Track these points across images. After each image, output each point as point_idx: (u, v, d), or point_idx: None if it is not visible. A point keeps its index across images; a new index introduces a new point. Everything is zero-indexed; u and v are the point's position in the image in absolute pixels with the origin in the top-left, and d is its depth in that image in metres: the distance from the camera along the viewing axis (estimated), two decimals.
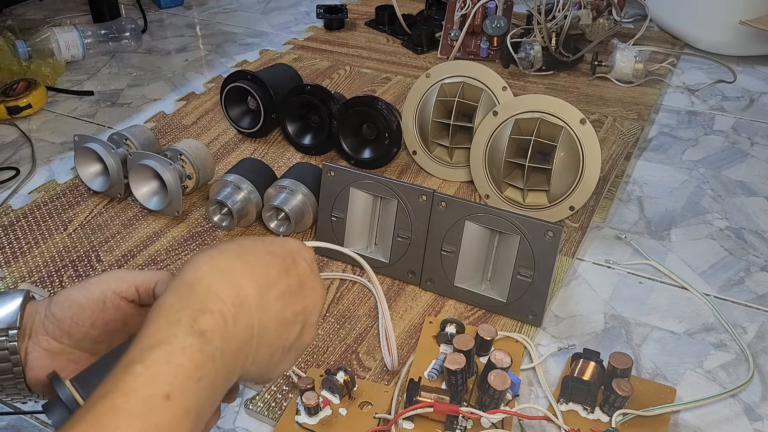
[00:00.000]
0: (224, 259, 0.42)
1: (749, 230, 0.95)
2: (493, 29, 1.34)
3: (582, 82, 1.31)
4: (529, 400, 0.71)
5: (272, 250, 0.45)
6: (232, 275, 0.41)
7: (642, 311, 0.82)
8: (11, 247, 0.92)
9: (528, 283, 0.78)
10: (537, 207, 0.94)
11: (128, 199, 1.00)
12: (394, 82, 1.32)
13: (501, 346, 0.75)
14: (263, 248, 0.45)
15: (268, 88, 1.10)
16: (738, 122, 1.20)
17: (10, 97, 1.22)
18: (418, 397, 0.66)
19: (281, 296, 0.44)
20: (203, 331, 0.38)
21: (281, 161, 1.09)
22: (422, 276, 0.84)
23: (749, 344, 0.77)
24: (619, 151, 1.10)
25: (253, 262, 0.43)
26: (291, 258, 0.46)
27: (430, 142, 1.03)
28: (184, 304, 0.39)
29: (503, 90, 0.99)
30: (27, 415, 0.70)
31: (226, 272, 0.41)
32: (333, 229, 0.87)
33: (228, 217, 0.93)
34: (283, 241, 0.47)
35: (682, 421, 0.69)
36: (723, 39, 1.38)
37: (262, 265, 0.43)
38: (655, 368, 0.75)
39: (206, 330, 0.38)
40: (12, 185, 1.06)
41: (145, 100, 1.30)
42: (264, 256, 0.44)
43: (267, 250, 0.44)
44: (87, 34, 1.43)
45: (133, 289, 0.50)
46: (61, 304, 0.49)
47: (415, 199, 0.82)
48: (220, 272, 0.41)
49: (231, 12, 1.71)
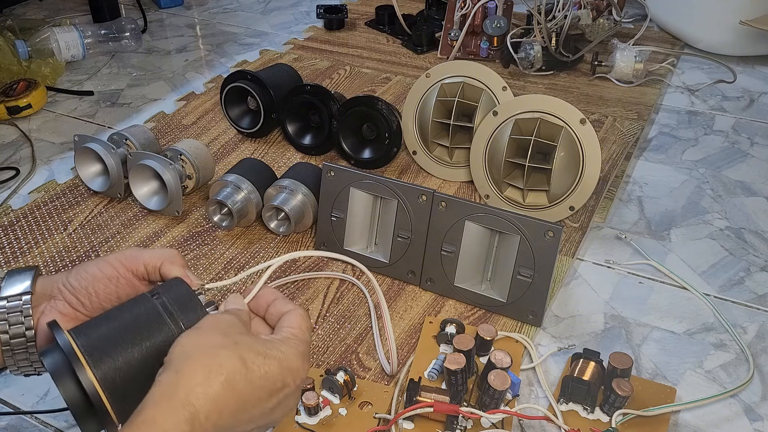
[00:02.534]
0: (218, 386, 0.45)
1: (749, 230, 0.95)
2: (493, 29, 1.34)
3: (582, 82, 1.31)
4: (529, 400, 0.71)
5: (268, 372, 0.48)
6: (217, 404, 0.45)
7: (642, 311, 0.82)
8: (11, 247, 0.92)
9: (528, 283, 0.78)
10: (537, 207, 0.94)
11: (128, 199, 1.00)
12: (394, 82, 1.32)
13: (501, 346, 0.75)
14: (261, 369, 0.48)
15: (268, 88, 1.10)
16: (738, 122, 1.20)
17: (10, 97, 1.22)
18: (418, 397, 0.66)
19: (251, 419, 0.48)
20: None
21: (281, 161, 1.09)
22: (422, 276, 0.84)
23: (749, 344, 0.77)
24: (619, 151, 1.10)
25: (242, 390, 0.46)
26: (282, 381, 0.49)
27: (430, 142, 1.03)
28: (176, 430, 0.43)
29: (503, 90, 0.99)
30: (27, 415, 0.70)
31: (214, 401, 0.45)
32: (333, 229, 0.87)
33: (228, 217, 0.93)
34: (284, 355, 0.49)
35: (682, 421, 0.69)
36: (723, 39, 1.38)
37: (250, 392, 0.47)
38: (655, 368, 0.75)
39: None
40: (12, 185, 1.06)
41: (145, 100, 1.30)
42: (257, 380, 0.47)
43: (263, 372, 0.48)
44: (87, 34, 1.43)
45: (143, 267, 0.55)
46: (79, 276, 0.54)
47: (415, 199, 0.82)
48: (210, 400, 0.45)
49: (231, 12, 1.71)
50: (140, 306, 0.52)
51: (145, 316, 0.51)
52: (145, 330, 0.50)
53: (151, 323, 0.50)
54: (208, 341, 0.48)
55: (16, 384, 0.74)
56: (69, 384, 0.47)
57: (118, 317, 0.51)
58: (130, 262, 0.55)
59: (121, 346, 0.49)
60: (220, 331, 0.49)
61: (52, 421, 0.70)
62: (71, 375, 0.47)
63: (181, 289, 0.53)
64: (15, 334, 0.52)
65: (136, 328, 0.50)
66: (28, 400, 0.72)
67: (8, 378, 0.74)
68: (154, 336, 0.50)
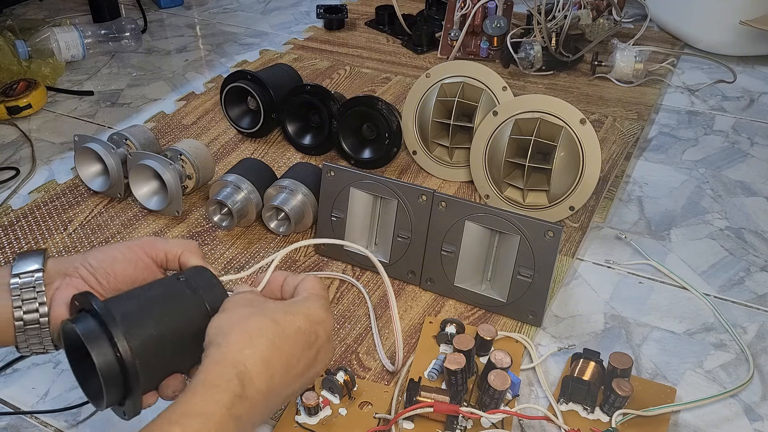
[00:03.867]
0: (263, 346, 0.48)
1: (749, 230, 0.95)
2: (493, 29, 1.34)
3: (582, 82, 1.31)
4: (529, 400, 0.71)
5: (301, 327, 0.51)
6: (269, 365, 0.48)
7: (642, 311, 0.82)
8: (11, 247, 0.92)
9: (528, 283, 0.78)
10: (537, 207, 0.94)
11: (128, 199, 1.00)
12: (394, 82, 1.32)
13: (501, 346, 0.75)
14: (293, 325, 0.51)
15: (268, 88, 1.10)
16: (738, 122, 1.20)
17: (10, 97, 1.22)
18: (418, 397, 0.66)
19: (301, 373, 0.52)
20: (238, 416, 0.45)
21: (281, 161, 1.09)
22: (422, 276, 0.84)
23: (749, 344, 0.77)
24: (619, 151, 1.10)
25: (286, 347, 0.50)
26: (314, 332, 0.52)
27: (430, 142, 1.03)
28: (226, 386, 0.45)
29: (503, 90, 0.99)
30: (27, 415, 0.70)
31: (264, 361, 0.48)
32: (333, 229, 0.87)
33: (228, 217, 0.93)
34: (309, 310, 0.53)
35: (682, 421, 0.69)
36: (723, 39, 1.38)
37: (290, 346, 0.50)
38: (655, 368, 0.75)
39: (240, 414, 0.45)
40: (12, 185, 1.06)
41: (145, 100, 1.30)
42: (295, 337, 0.51)
43: (295, 327, 0.51)
44: (87, 34, 1.43)
45: (163, 255, 0.57)
46: (98, 256, 0.56)
47: (415, 199, 0.82)
48: (260, 360, 0.48)
49: (231, 12, 1.71)
50: (167, 285, 0.54)
51: (173, 293, 0.53)
52: (175, 305, 0.52)
53: (179, 300, 0.53)
54: (238, 314, 0.51)
55: (16, 384, 0.74)
56: (104, 348, 0.48)
57: (147, 294, 0.53)
58: (151, 248, 0.57)
59: (152, 318, 0.51)
60: (245, 305, 0.53)
61: (52, 421, 0.70)
62: (106, 340, 0.49)
63: (203, 273, 0.56)
64: (28, 309, 0.53)
65: (165, 303, 0.52)
66: (28, 400, 0.72)
67: (8, 378, 0.74)
68: (183, 312, 0.52)
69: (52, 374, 0.75)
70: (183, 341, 0.52)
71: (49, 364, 0.76)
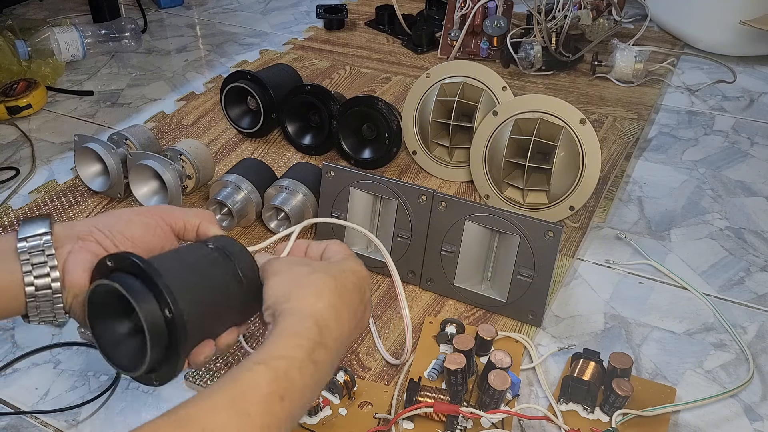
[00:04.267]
0: (332, 298, 0.52)
1: (749, 230, 0.95)
2: (493, 29, 1.34)
3: (582, 82, 1.31)
4: (529, 400, 0.71)
5: (354, 281, 0.56)
6: (339, 315, 0.52)
7: (642, 311, 0.82)
8: None
9: (528, 283, 0.78)
10: (537, 207, 0.94)
11: (128, 199, 1.00)
12: (394, 82, 1.32)
13: (501, 346, 0.75)
14: (350, 279, 0.55)
15: (268, 88, 1.10)
16: (738, 122, 1.20)
17: (10, 97, 1.22)
18: (418, 397, 0.66)
19: (357, 325, 0.56)
20: (317, 361, 0.48)
21: (281, 161, 1.09)
22: (422, 276, 0.84)
23: (749, 344, 0.77)
24: (619, 151, 1.10)
25: (347, 299, 0.54)
26: (363, 288, 0.57)
27: (430, 142, 1.03)
28: (307, 334, 0.49)
29: (503, 90, 0.99)
30: (27, 415, 0.70)
31: (335, 311, 0.52)
32: (333, 228, 0.87)
33: (228, 217, 0.93)
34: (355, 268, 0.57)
35: (682, 421, 0.69)
36: (723, 39, 1.38)
37: (351, 298, 0.54)
38: (655, 368, 0.75)
39: (319, 360, 0.49)
40: (12, 185, 1.06)
41: (145, 100, 1.30)
42: (352, 290, 0.55)
43: (351, 282, 0.55)
44: (87, 34, 1.43)
45: (182, 223, 0.58)
46: (112, 220, 0.55)
47: (415, 199, 0.82)
48: (333, 311, 0.52)
49: (231, 12, 1.71)
50: (200, 251, 0.54)
51: (208, 259, 0.53)
52: (212, 271, 0.53)
53: (215, 266, 0.53)
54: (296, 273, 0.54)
55: (16, 384, 0.74)
56: (151, 305, 0.48)
57: (183, 257, 0.53)
58: (169, 216, 0.57)
59: (193, 281, 0.51)
60: (299, 264, 0.55)
61: (52, 421, 0.70)
62: (153, 297, 0.48)
63: (231, 242, 0.56)
64: (39, 274, 0.51)
65: (203, 268, 0.52)
66: (28, 400, 0.72)
67: (8, 378, 0.74)
68: (220, 277, 0.53)
69: (52, 374, 0.75)
70: (219, 307, 0.52)
71: (49, 364, 0.76)
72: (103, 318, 0.52)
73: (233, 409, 0.42)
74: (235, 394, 0.43)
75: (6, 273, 0.50)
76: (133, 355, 0.51)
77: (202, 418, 0.41)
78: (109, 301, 0.51)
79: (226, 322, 0.54)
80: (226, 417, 0.42)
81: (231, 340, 0.54)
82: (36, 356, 0.76)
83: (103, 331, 0.52)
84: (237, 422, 0.42)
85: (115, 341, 0.52)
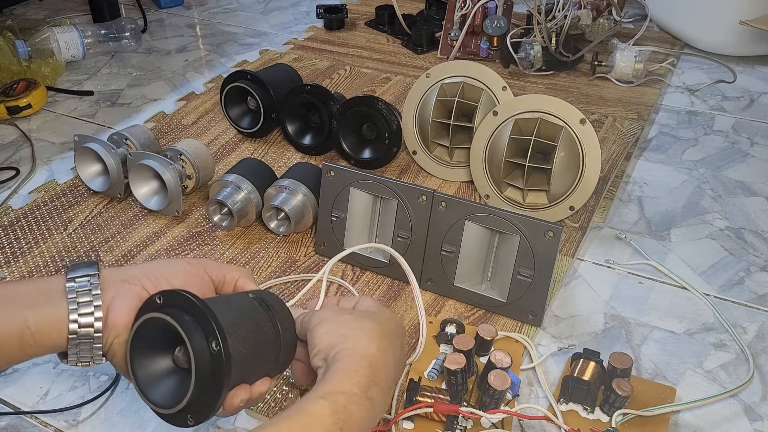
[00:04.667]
0: (381, 343, 0.56)
1: (749, 230, 0.95)
2: (493, 29, 1.34)
3: (582, 82, 1.31)
4: (529, 400, 0.71)
5: (395, 329, 0.60)
6: (386, 357, 0.56)
7: (642, 311, 0.82)
8: (11, 247, 0.92)
9: (528, 283, 0.78)
10: (537, 207, 0.94)
11: (128, 199, 1.00)
12: (394, 82, 1.32)
13: (501, 346, 0.75)
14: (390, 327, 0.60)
15: (268, 88, 1.10)
16: (738, 122, 1.20)
17: (10, 97, 1.22)
18: (418, 397, 0.66)
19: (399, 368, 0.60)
20: (371, 398, 0.52)
21: (281, 161, 1.09)
22: (422, 276, 0.84)
23: (749, 344, 0.77)
24: (619, 151, 1.10)
25: (392, 342, 0.58)
26: (403, 333, 0.62)
27: (430, 142, 1.03)
28: (363, 372, 0.53)
29: (503, 90, 0.99)
30: (27, 415, 0.70)
31: (384, 354, 0.56)
32: (333, 229, 0.87)
33: (228, 217, 0.93)
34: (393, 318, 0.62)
35: (682, 421, 0.69)
36: (723, 39, 1.38)
37: (394, 342, 0.59)
38: (655, 368, 0.75)
39: (374, 398, 0.52)
40: (12, 185, 1.06)
41: (145, 100, 1.30)
42: (392, 335, 0.59)
43: (392, 329, 0.60)
44: (87, 34, 1.43)
45: (222, 276, 0.61)
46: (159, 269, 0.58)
47: (415, 199, 0.82)
48: (382, 353, 0.55)
49: (231, 12, 1.71)
50: (243, 300, 0.56)
51: (250, 307, 0.56)
52: (254, 317, 0.55)
53: (257, 313, 0.55)
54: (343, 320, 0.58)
55: (16, 384, 0.74)
56: (200, 341, 0.50)
57: (228, 302, 0.55)
58: (212, 268, 0.61)
59: (238, 325, 0.53)
60: (342, 313, 0.59)
61: (52, 421, 0.70)
62: (202, 333, 0.50)
63: (269, 294, 0.59)
64: (83, 312, 0.53)
65: (247, 314, 0.55)
66: (28, 400, 0.72)
67: (8, 378, 0.74)
68: (261, 325, 0.55)
69: (52, 374, 0.75)
70: (258, 350, 0.54)
71: (49, 364, 0.76)
72: (143, 355, 0.53)
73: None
74: (300, 425, 0.47)
75: (52, 310, 0.53)
76: (170, 393, 0.52)
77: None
78: (151, 339, 0.53)
79: (262, 368, 0.56)
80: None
81: (264, 389, 0.56)
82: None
83: (140, 369, 0.53)
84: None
85: (152, 379, 0.53)
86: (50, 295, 0.53)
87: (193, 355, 0.49)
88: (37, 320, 0.52)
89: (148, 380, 0.53)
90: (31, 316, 0.51)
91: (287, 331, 0.58)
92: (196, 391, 0.50)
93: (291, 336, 0.58)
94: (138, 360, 0.53)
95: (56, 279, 0.55)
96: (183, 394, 0.50)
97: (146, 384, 0.53)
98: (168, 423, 0.53)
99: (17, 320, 0.51)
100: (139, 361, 0.53)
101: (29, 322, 0.51)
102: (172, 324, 0.50)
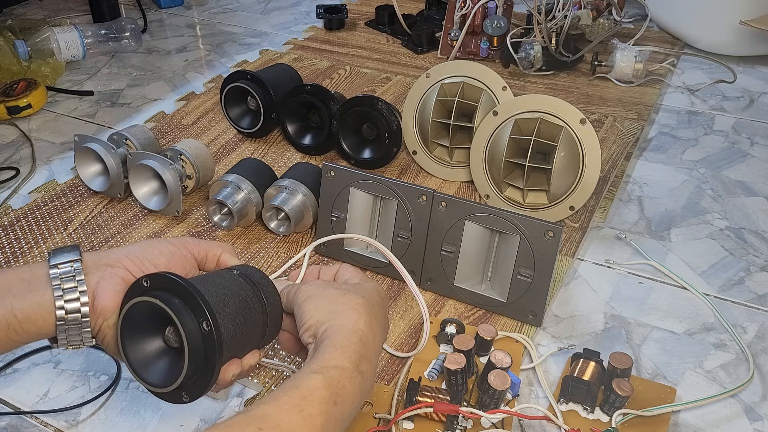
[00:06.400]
0: (368, 317, 0.57)
1: (749, 230, 0.95)
2: (493, 29, 1.34)
3: (582, 82, 1.31)
4: (529, 400, 0.71)
5: (378, 300, 0.61)
6: (374, 330, 0.57)
7: (642, 311, 0.82)
8: (11, 247, 0.92)
9: (528, 283, 0.78)
10: (537, 207, 0.94)
11: (128, 199, 1.00)
12: (394, 82, 1.32)
13: (501, 346, 0.75)
14: (374, 299, 0.60)
15: (268, 88, 1.10)
16: (738, 122, 1.20)
17: (10, 97, 1.22)
18: (418, 397, 0.66)
19: (384, 338, 0.61)
20: (362, 371, 0.54)
21: (281, 161, 1.09)
22: (422, 276, 0.84)
23: (749, 344, 0.77)
24: (619, 151, 1.10)
25: (377, 315, 0.59)
26: (385, 303, 0.63)
27: (430, 142, 1.03)
28: (354, 347, 0.54)
29: (503, 90, 0.99)
30: (27, 415, 0.70)
31: (371, 327, 0.57)
32: (333, 229, 0.87)
33: (228, 217, 0.93)
34: (376, 288, 0.63)
35: (682, 421, 0.69)
36: (723, 39, 1.38)
37: (378, 316, 0.59)
38: (655, 368, 0.75)
39: (364, 371, 0.54)
40: (12, 185, 1.06)
41: (145, 100, 1.30)
42: (377, 307, 0.60)
43: (376, 301, 0.61)
44: (87, 34, 1.43)
45: (204, 253, 0.62)
46: (140, 250, 0.58)
47: (415, 199, 0.82)
48: (369, 327, 0.57)
49: (231, 12, 1.71)
50: (228, 277, 0.57)
51: (235, 284, 0.56)
52: (240, 294, 0.56)
53: (242, 290, 0.56)
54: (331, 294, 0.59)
55: (16, 384, 0.74)
56: (190, 321, 0.51)
57: (214, 280, 0.56)
58: (194, 246, 0.61)
59: (225, 302, 0.53)
60: (328, 287, 0.60)
61: (52, 421, 0.70)
62: (191, 313, 0.51)
63: (252, 269, 0.60)
64: (69, 299, 0.53)
65: (233, 291, 0.55)
66: (28, 400, 0.72)
67: (8, 378, 0.74)
68: (248, 301, 0.56)
69: (52, 374, 0.75)
70: (246, 327, 0.55)
71: (49, 364, 0.76)
72: (133, 338, 0.54)
73: (298, 409, 0.48)
74: (298, 397, 0.49)
75: (38, 297, 0.53)
76: (163, 373, 0.53)
77: (275, 416, 0.48)
78: (141, 321, 0.53)
79: (251, 343, 0.57)
80: (294, 416, 0.48)
81: (254, 361, 0.58)
82: (36, 356, 0.76)
83: (132, 351, 0.54)
84: (302, 421, 0.48)
85: (145, 361, 0.54)
86: (34, 283, 0.54)
87: (185, 337, 0.51)
88: (23, 308, 0.52)
89: (141, 362, 0.54)
90: (16, 304, 0.52)
91: (273, 305, 0.59)
92: (190, 371, 0.51)
93: (277, 309, 0.60)
94: (129, 343, 0.54)
95: (38, 266, 0.55)
96: (177, 374, 0.52)
97: (140, 366, 0.54)
98: (164, 401, 0.54)
99: (2, 309, 0.52)
100: (130, 344, 0.54)
101: (15, 311, 0.52)
102: (162, 307, 0.51)
